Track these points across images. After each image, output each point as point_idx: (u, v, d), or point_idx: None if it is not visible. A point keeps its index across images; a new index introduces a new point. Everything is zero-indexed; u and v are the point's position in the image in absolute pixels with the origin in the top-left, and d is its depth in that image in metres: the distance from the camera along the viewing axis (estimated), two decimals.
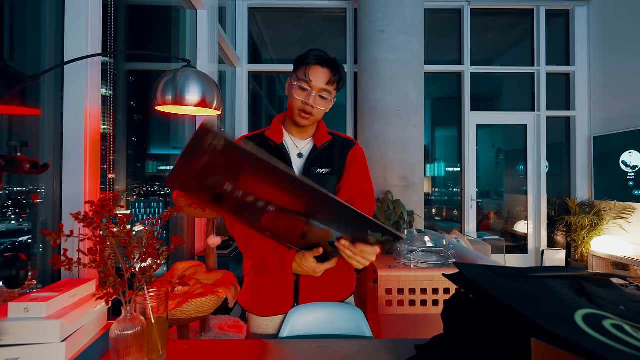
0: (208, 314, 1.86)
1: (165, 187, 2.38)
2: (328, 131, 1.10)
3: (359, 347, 0.85)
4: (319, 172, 1.03)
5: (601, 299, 0.54)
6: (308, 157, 1.04)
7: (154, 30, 2.78)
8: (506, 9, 4.16)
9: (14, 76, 0.95)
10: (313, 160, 1.03)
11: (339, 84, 1.01)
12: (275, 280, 1.03)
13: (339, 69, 1.00)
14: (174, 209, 0.81)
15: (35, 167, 0.68)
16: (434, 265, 2.10)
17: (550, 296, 0.52)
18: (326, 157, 1.06)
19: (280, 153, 1.02)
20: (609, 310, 0.49)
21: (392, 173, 2.97)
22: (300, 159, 1.05)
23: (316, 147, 1.05)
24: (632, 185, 3.47)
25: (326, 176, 1.03)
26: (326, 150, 1.06)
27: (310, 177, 1.01)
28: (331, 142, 1.07)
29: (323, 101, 1.00)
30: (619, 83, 3.64)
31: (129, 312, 0.71)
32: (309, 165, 1.03)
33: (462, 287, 0.61)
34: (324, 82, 0.98)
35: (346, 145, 1.09)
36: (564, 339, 0.41)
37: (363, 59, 3.20)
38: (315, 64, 0.97)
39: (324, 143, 1.05)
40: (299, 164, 1.04)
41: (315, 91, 0.98)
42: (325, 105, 1.01)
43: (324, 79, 0.98)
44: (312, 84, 0.97)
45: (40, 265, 1.40)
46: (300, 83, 0.97)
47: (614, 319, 0.46)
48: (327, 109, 1.03)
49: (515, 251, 4.26)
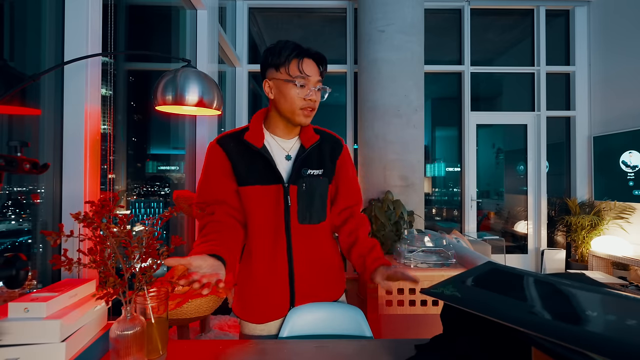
0: (208, 314, 1.86)
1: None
2: (314, 128, 1.06)
3: (359, 347, 0.85)
4: (311, 174, 1.00)
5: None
6: (296, 158, 1.00)
7: (154, 30, 2.78)
8: (506, 9, 4.15)
9: (14, 76, 0.95)
10: (302, 162, 1.00)
11: (325, 73, 0.99)
12: (268, 286, 0.99)
13: (323, 57, 0.97)
14: (174, 209, 0.81)
15: (35, 167, 0.68)
16: (434, 265, 2.10)
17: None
18: (316, 157, 1.02)
19: (263, 157, 0.96)
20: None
21: (392, 173, 2.97)
22: (288, 161, 1.00)
23: (304, 147, 1.01)
24: (632, 185, 3.47)
25: (319, 177, 1.01)
26: (315, 150, 1.02)
27: (302, 178, 0.98)
28: (319, 142, 1.03)
29: (319, 93, 0.97)
30: (619, 83, 3.64)
31: (129, 312, 0.71)
32: (298, 166, 0.99)
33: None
34: (317, 74, 0.95)
35: (334, 145, 1.07)
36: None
37: (363, 59, 3.20)
38: (305, 56, 0.93)
39: (312, 143, 1.01)
40: (287, 166, 1.00)
41: (312, 85, 0.94)
42: (320, 97, 0.99)
43: (316, 70, 0.95)
44: (310, 78, 0.93)
45: (40, 265, 1.40)
46: (298, 80, 0.92)
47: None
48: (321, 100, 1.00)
49: (515, 251, 4.26)
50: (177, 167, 2.84)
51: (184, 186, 2.73)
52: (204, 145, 2.72)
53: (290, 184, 0.98)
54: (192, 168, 2.71)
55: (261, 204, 0.97)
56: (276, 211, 0.97)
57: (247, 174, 0.97)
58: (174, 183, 2.81)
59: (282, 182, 0.97)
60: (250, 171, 0.97)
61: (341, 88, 4.06)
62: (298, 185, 0.98)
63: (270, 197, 0.97)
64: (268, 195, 0.97)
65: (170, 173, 2.85)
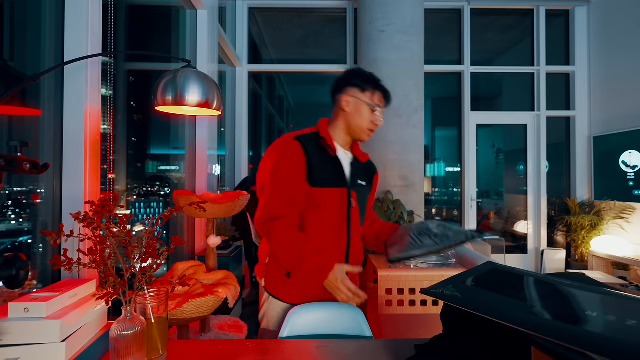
0: (208, 314, 1.85)
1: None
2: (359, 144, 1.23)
3: (359, 347, 0.85)
4: (360, 184, 1.15)
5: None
6: (352, 167, 1.15)
7: (154, 30, 2.78)
8: (506, 9, 4.15)
9: (14, 76, 0.95)
10: (356, 172, 1.15)
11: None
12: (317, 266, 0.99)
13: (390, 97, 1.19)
14: (174, 209, 0.81)
15: (35, 167, 0.68)
16: (434, 265, 2.10)
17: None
18: (364, 171, 1.20)
19: (336, 162, 1.10)
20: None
21: (392, 173, 2.97)
22: (350, 168, 1.14)
23: (359, 161, 1.18)
24: (632, 185, 3.47)
25: (365, 188, 1.18)
26: (364, 166, 1.20)
27: (357, 186, 1.14)
28: (368, 160, 1.23)
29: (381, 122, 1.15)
30: (619, 83, 3.64)
31: (129, 312, 0.71)
32: (354, 174, 1.13)
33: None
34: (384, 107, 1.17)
35: (373, 167, 1.27)
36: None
37: (363, 59, 3.19)
38: (382, 91, 1.14)
39: (367, 159, 1.21)
40: (349, 172, 1.13)
41: (379, 114, 1.13)
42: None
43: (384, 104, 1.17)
44: (381, 109, 1.14)
45: (40, 265, 1.40)
46: (375, 107, 1.11)
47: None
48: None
49: (515, 251, 4.26)
50: (177, 167, 2.84)
51: (184, 186, 2.73)
52: (204, 145, 2.72)
53: (352, 189, 1.11)
54: (192, 168, 2.71)
55: (329, 205, 1.06)
56: (340, 213, 1.07)
57: (321, 175, 1.05)
58: (174, 183, 2.81)
59: (346, 185, 1.10)
60: (323, 173, 1.06)
61: None
62: (356, 191, 1.13)
63: (337, 199, 1.07)
64: (335, 198, 1.07)
65: (170, 173, 2.85)
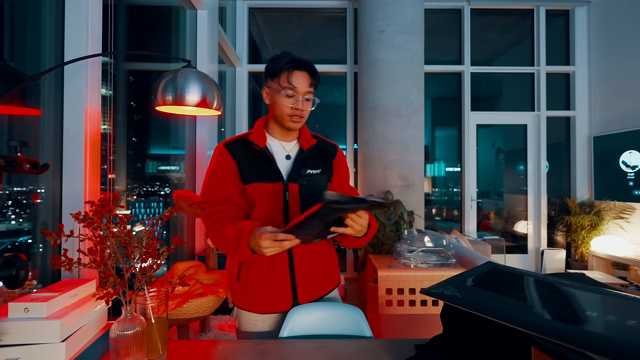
0: (208, 314, 1.86)
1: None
2: (311, 134, 1.17)
3: (359, 347, 0.85)
4: (309, 173, 1.09)
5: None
6: (296, 158, 1.10)
7: (154, 30, 2.78)
8: (506, 9, 4.15)
9: (14, 76, 0.95)
10: (301, 162, 1.10)
11: (317, 84, 1.08)
12: (270, 276, 1.04)
13: (314, 69, 1.06)
14: (174, 209, 0.81)
15: (35, 167, 0.68)
16: (434, 265, 2.10)
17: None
18: (314, 158, 1.13)
19: (265, 155, 1.06)
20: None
21: (392, 173, 2.97)
22: (288, 160, 1.10)
23: (302, 149, 1.11)
24: (632, 185, 3.47)
25: (318, 175, 1.11)
26: (313, 153, 1.13)
27: (302, 177, 1.08)
28: (316, 145, 1.15)
29: (309, 103, 1.07)
30: (619, 83, 3.64)
31: (129, 312, 0.71)
32: (297, 165, 1.09)
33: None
34: (306, 86, 1.04)
35: (330, 148, 1.18)
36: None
37: (363, 59, 3.20)
38: (295, 69, 1.02)
39: (310, 146, 1.12)
40: (287, 165, 1.09)
41: (300, 95, 1.03)
42: (310, 106, 1.08)
43: (305, 82, 1.04)
44: (297, 89, 1.02)
45: (40, 265, 1.40)
46: (286, 90, 1.02)
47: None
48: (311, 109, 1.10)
49: (515, 251, 4.26)
50: (177, 167, 2.85)
51: (184, 186, 2.73)
52: (204, 145, 2.72)
53: (289, 182, 1.06)
54: (192, 168, 2.72)
55: (263, 200, 1.05)
56: (276, 207, 1.05)
57: (251, 172, 1.05)
58: (174, 183, 2.81)
59: (282, 179, 1.06)
60: (253, 170, 1.05)
61: (341, 88, 4.06)
62: (299, 183, 1.07)
63: (271, 193, 1.05)
64: (269, 192, 1.05)
65: (170, 173, 2.85)
